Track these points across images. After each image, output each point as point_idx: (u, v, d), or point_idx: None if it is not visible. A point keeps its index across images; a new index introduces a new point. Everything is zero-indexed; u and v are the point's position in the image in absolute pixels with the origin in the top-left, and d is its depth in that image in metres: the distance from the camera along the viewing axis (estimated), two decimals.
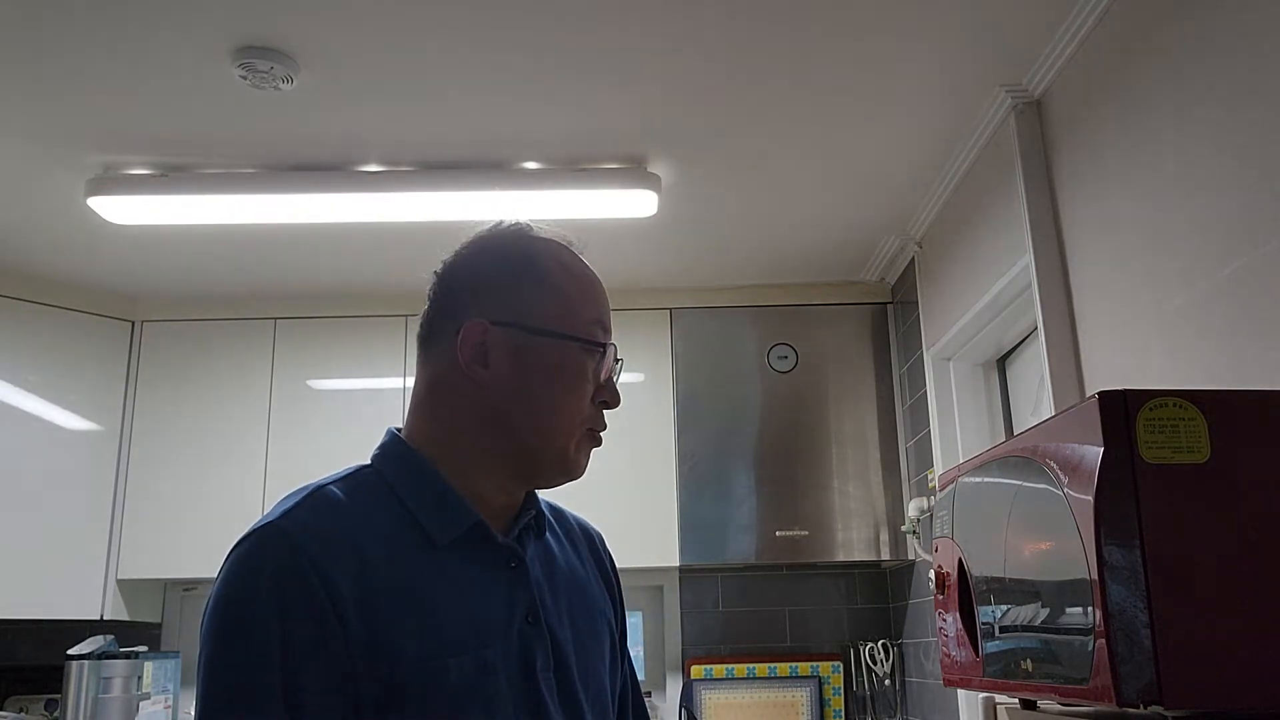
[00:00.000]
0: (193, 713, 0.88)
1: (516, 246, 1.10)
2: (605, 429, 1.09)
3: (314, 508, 0.97)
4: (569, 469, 1.07)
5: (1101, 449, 1.04)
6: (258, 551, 0.93)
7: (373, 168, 2.72)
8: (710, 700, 3.55)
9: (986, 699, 1.44)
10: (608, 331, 1.10)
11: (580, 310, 1.08)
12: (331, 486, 1.01)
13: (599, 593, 1.17)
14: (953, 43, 2.21)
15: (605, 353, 1.08)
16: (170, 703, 3.49)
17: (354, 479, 1.03)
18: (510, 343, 1.05)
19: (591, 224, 2.99)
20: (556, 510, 1.22)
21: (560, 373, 1.05)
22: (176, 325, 3.65)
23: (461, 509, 1.02)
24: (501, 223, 1.13)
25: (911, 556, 3.36)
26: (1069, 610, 1.09)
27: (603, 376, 1.08)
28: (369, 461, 1.07)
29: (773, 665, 3.58)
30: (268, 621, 0.89)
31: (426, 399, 1.08)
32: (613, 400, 1.09)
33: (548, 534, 1.14)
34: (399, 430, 1.09)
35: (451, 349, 1.05)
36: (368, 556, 0.95)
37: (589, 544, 1.22)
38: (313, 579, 0.90)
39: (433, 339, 1.09)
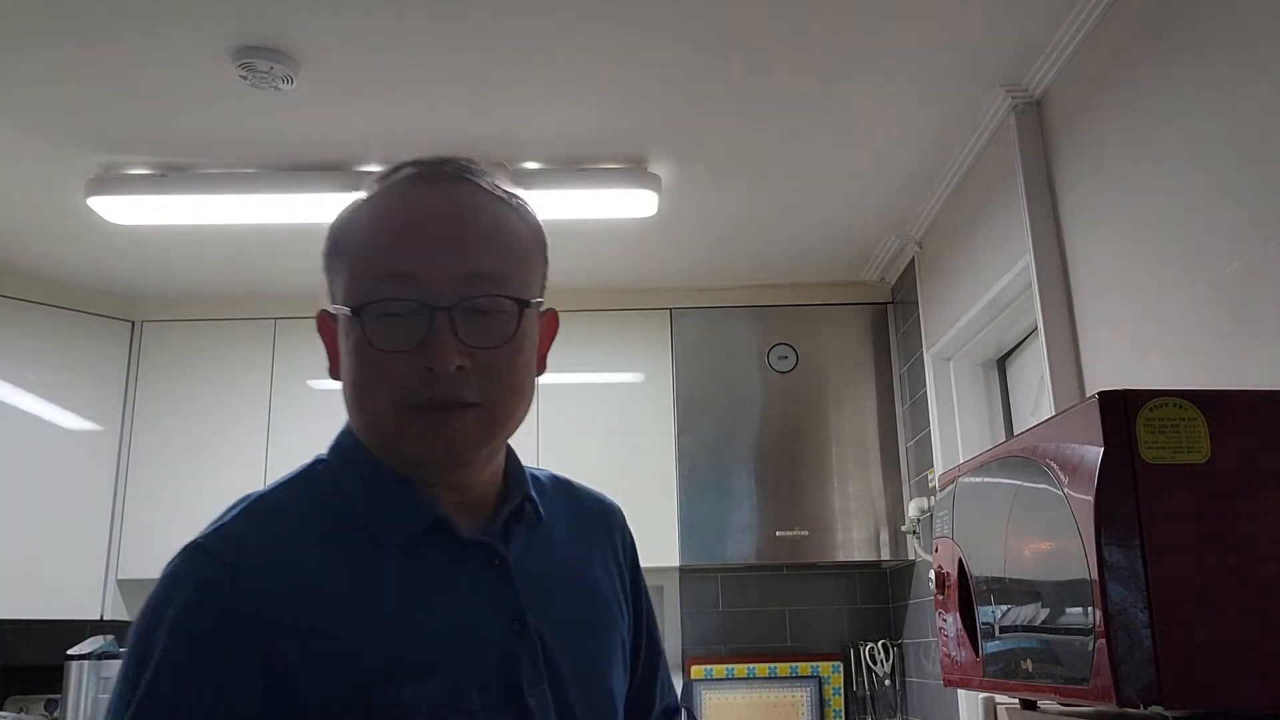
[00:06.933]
0: None
1: (341, 214, 0.93)
2: (428, 395, 0.85)
3: (249, 521, 0.86)
4: (416, 457, 0.88)
5: (1101, 449, 1.04)
6: (179, 574, 0.84)
7: (373, 168, 2.71)
8: (710, 700, 3.54)
9: (986, 699, 1.44)
10: (410, 278, 0.85)
11: (367, 270, 0.87)
12: (273, 493, 0.90)
13: (609, 588, 1.01)
14: (953, 43, 2.21)
15: (377, 309, 0.85)
16: None
17: (302, 480, 0.92)
18: (332, 330, 0.91)
19: (591, 224, 2.99)
20: (566, 488, 1.06)
21: (350, 352, 0.87)
22: (176, 325, 3.65)
23: (417, 503, 0.88)
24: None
25: (911, 556, 3.36)
26: (1069, 610, 1.09)
27: (387, 342, 0.84)
28: (325, 454, 0.94)
29: (773, 665, 3.57)
30: (176, 652, 0.80)
31: None
32: (429, 359, 0.84)
33: (549, 521, 0.98)
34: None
35: None
36: (309, 570, 0.83)
37: (604, 524, 1.06)
38: (228, 606, 0.81)
39: None
